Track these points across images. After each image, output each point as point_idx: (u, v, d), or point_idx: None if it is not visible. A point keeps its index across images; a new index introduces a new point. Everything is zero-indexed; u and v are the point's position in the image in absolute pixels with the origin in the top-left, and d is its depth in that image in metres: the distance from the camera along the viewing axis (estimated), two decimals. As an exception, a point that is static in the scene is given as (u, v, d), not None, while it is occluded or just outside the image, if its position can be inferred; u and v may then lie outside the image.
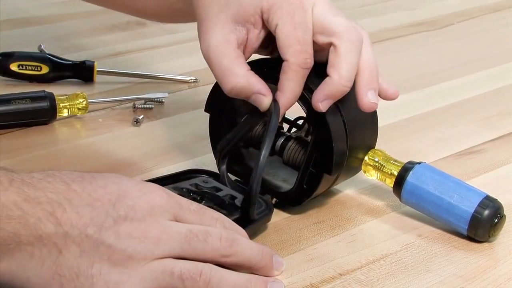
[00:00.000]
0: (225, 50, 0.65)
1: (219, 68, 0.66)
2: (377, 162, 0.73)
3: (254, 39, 0.67)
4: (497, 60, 1.14)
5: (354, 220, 0.72)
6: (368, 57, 0.67)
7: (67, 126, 0.89)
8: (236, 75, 0.65)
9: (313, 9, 0.66)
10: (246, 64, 0.67)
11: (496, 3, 1.41)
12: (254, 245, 0.61)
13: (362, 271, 0.65)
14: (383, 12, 1.35)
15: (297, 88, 0.66)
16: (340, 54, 0.65)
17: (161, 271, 0.55)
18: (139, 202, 0.56)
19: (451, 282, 0.64)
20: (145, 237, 0.55)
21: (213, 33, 0.66)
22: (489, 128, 0.92)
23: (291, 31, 0.65)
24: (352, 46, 0.66)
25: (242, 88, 0.66)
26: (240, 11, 0.66)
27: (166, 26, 1.18)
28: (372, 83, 0.67)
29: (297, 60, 0.65)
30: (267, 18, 0.66)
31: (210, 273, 0.56)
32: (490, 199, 0.68)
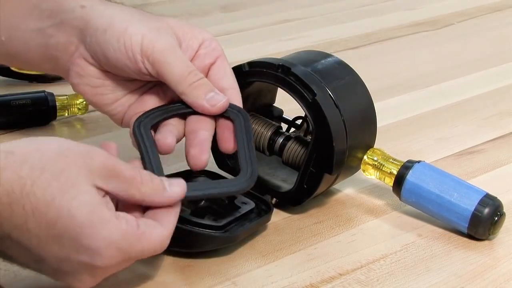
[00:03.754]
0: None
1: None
2: (376, 161, 0.73)
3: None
4: (497, 60, 1.14)
5: (354, 220, 0.73)
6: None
7: (67, 126, 0.89)
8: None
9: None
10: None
11: (496, 3, 1.41)
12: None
13: (362, 271, 0.65)
14: (383, 12, 1.36)
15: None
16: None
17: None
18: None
19: (451, 282, 0.64)
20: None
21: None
22: (489, 128, 0.92)
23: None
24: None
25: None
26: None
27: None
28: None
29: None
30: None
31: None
32: (490, 197, 0.68)
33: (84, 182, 0.54)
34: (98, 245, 0.53)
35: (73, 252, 0.53)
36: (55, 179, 0.53)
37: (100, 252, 0.54)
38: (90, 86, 0.68)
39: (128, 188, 0.56)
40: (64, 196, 0.52)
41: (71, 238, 0.53)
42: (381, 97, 0.93)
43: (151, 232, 0.56)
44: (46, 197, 0.52)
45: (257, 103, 0.77)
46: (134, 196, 0.56)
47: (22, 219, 0.52)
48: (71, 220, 0.52)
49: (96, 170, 0.54)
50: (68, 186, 0.53)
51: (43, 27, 0.67)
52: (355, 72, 0.74)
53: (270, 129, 0.75)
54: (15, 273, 0.62)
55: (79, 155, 0.55)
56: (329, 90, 0.70)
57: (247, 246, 0.68)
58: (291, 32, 1.23)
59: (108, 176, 0.55)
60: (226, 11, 1.34)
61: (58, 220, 0.52)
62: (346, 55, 1.03)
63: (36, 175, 0.52)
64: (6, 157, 0.53)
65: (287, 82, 0.70)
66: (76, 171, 0.54)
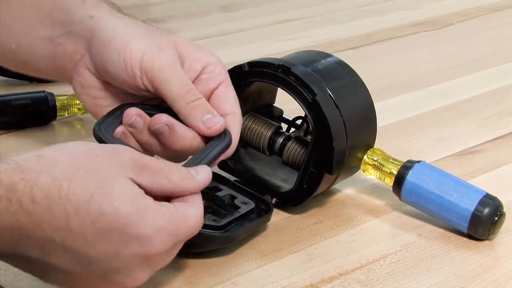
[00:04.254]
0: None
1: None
2: (376, 161, 0.73)
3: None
4: (497, 60, 1.14)
5: (354, 220, 0.73)
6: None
7: (67, 126, 0.89)
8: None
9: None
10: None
11: (496, 3, 1.41)
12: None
13: (362, 271, 0.65)
14: (383, 12, 1.35)
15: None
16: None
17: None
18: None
19: (451, 282, 0.64)
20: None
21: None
22: (489, 128, 0.92)
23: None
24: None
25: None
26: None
27: (166, 26, 1.18)
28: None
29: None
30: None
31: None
32: (490, 197, 0.69)
33: (120, 175, 0.54)
34: (147, 232, 0.53)
35: (122, 245, 0.53)
36: (91, 176, 0.53)
37: (150, 239, 0.53)
38: (91, 97, 0.68)
39: (160, 179, 0.56)
40: (104, 191, 0.52)
41: (119, 231, 0.52)
42: (381, 97, 0.93)
43: (189, 212, 0.56)
44: (85, 195, 0.52)
45: (257, 103, 0.77)
46: (165, 186, 0.56)
47: (64, 220, 0.51)
48: (116, 212, 0.52)
49: (127, 165, 0.55)
50: (104, 181, 0.53)
51: (53, 35, 0.67)
52: (355, 72, 0.74)
53: (270, 129, 0.75)
54: (15, 273, 0.62)
55: (108, 152, 0.55)
56: (329, 90, 0.70)
57: (247, 246, 0.68)
58: (291, 32, 1.23)
59: (139, 170, 0.55)
60: (226, 11, 1.34)
61: (102, 215, 0.52)
62: (346, 55, 1.03)
63: (70, 174, 0.52)
64: (38, 161, 0.53)
65: (287, 82, 0.70)
66: (109, 167, 0.54)
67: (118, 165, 0.54)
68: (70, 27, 0.67)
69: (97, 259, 0.53)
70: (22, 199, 0.51)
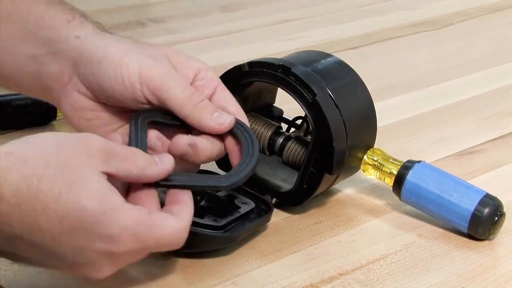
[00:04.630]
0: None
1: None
2: (376, 161, 0.73)
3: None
4: (497, 60, 1.14)
5: (354, 220, 0.73)
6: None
7: (67, 126, 0.89)
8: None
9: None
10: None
11: (496, 3, 1.41)
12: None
13: (362, 271, 0.65)
14: (383, 12, 1.35)
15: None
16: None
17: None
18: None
19: (451, 282, 0.64)
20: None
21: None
22: (489, 128, 0.92)
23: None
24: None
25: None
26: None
27: (166, 26, 1.18)
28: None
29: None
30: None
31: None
32: (490, 197, 0.69)
33: (89, 171, 0.54)
34: (113, 231, 0.54)
35: (88, 242, 0.54)
36: (60, 173, 0.53)
37: (115, 238, 0.54)
38: (84, 119, 0.67)
39: (127, 166, 0.56)
40: (72, 189, 0.53)
41: (85, 229, 0.53)
42: (381, 97, 0.93)
43: (164, 221, 0.56)
44: (53, 193, 0.52)
45: (257, 103, 0.77)
46: (132, 172, 0.57)
47: (32, 218, 0.52)
48: (83, 211, 0.53)
49: (96, 154, 0.55)
50: (74, 178, 0.53)
51: (37, 54, 0.66)
52: (355, 72, 0.74)
53: (270, 129, 0.75)
54: (15, 273, 0.62)
55: (76, 143, 0.55)
56: (329, 90, 0.70)
57: (247, 246, 0.68)
58: (291, 32, 1.23)
59: (107, 158, 0.55)
60: (226, 11, 1.34)
61: (69, 213, 0.52)
62: (346, 55, 1.03)
63: (40, 172, 0.52)
64: (7, 158, 0.53)
65: (287, 82, 0.70)
66: (78, 161, 0.54)
67: (87, 157, 0.54)
68: (55, 46, 0.66)
69: (64, 253, 0.54)
70: None
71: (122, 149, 0.57)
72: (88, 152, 0.55)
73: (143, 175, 0.57)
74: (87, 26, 0.66)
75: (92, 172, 0.54)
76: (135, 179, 0.58)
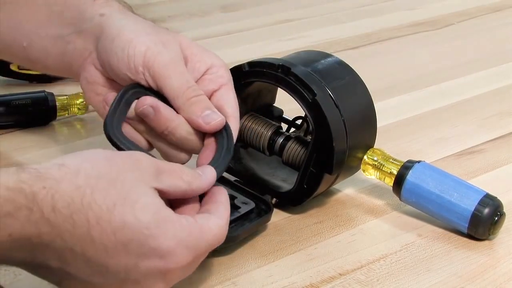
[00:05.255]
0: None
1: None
2: (376, 161, 0.73)
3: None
4: (497, 60, 1.14)
5: (354, 220, 0.73)
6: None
7: (67, 126, 0.89)
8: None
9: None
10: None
11: (496, 3, 1.41)
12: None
13: (362, 271, 0.65)
14: (383, 12, 1.36)
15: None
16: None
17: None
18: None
19: (451, 282, 0.64)
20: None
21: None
22: (489, 128, 0.92)
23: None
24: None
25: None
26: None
27: (166, 26, 1.18)
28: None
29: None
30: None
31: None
32: (490, 197, 0.69)
33: (142, 185, 0.53)
34: (168, 244, 0.53)
35: (142, 257, 0.52)
36: (112, 186, 0.52)
37: (172, 251, 0.53)
38: (95, 93, 0.68)
39: (175, 180, 0.56)
40: (126, 201, 0.52)
41: (139, 242, 0.52)
42: (381, 97, 0.93)
43: (208, 223, 0.56)
44: (107, 204, 0.51)
45: (257, 103, 0.77)
46: (180, 187, 0.56)
47: (85, 229, 0.51)
48: (137, 223, 0.52)
49: (147, 172, 0.54)
50: (127, 191, 0.52)
51: (63, 34, 0.68)
52: (355, 72, 0.74)
53: (270, 129, 0.75)
54: (15, 273, 0.62)
55: (127, 159, 0.55)
56: (329, 90, 0.70)
57: (247, 246, 0.68)
58: (291, 32, 1.23)
59: (157, 175, 0.55)
60: (226, 11, 1.34)
61: (124, 225, 0.51)
62: (346, 55, 1.03)
63: (93, 183, 0.52)
64: (60, 169, 0.52)
65: (287, 82, 0.70)
66: (131, 175, 0.53)
67: (139, 174, 0.54)
68: (80, 25, 0.67)
69: (116, 269, 0.52)
70: (43, 208, 0.50)
71: (167, 165, 0.57)
72: (139, 168, 0.54)
73: (191, 189, 0.57)
74: (112, 4, 0.68)
75: (144, 186, 0.54)
76: (182, 194, 0.57)
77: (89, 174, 0.52)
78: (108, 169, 0.53)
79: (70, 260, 0.52)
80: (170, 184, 0.56)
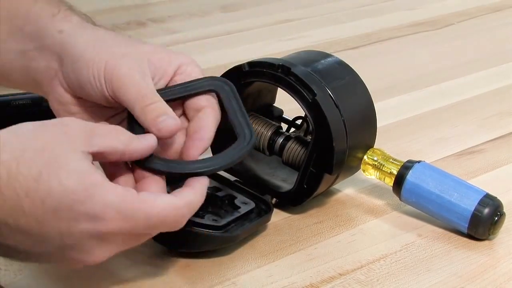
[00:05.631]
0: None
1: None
2: (376, 161, 0.73)
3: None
4: (497, 60, 1.14)
5: (354, 220, 0.73)
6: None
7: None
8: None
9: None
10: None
11: (496, 3, 1.41)
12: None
13: (362, 271, 0.65)
14: (383, 12, 1.36)
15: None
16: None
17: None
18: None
19: (451, 282, 0.64)
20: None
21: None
22: (489, 128, 0.92)
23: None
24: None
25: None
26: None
27: (166, 26, 1.18)
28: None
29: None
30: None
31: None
32: (490, 197, 0.69)
33: (69, 151, 0.54)
34: (95, 208, 0.53)
35: (72, 221, 0.53)
36: (38, 155, 0.53)
37: (99, 215, 0.53)
38: (69, 113, 0.67)
39: (110, 142, 0.56)
40: (51, 168, 0.52)
41: (68, 208, 0.52)
42: (381, 97, 0.93)
43: (155, 199, 0.55)
44: (33, 174, 0.52)
45: (257, 103, 0.77)
46: (117, 148, 0.56)
47: (15, 201, 0.52)
48: (63, 189, 0.52)
49: (76, 136, 0.55)
50: (52, 158, 0.53)
51: (25, 49, 0.67)
52: (355, 72, 0.74)
53: (270, 129, 0.75)
54: (15, 273, 0.62)
55: (54, 127, 0.55)
56: (329, 90, 0.70)
57: (247, 246, 0.68)
58: (291, 32, 1.23)
59: (89, 137, 0.55)
60: (226, 11, 1.34)
61: (50, 193, 0.52)
62: (346, 55, 1.03)
63: (18, 155, 0.52)
64: None
65: (287, 82, 0.70)
66: (57, 142, 0.54)
67: (66, 139, 0.54)
68: (41, 41, 0.66)
69: (51, 237, 0.53)
70: None
71: (103, 127, 0.57)
72: (67, 133, 0.55)
73: (128, 149, 0.57)
74: (71, 19, 0.66)
75: (71, 152, 0.54)
76: (120, 155, 0.57)
77: (14, 147, 0.53)
78: (34, 140, 0.54)
79: (6, 233, 0.53)
80: (105, 145, 0.55)
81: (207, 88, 0.65)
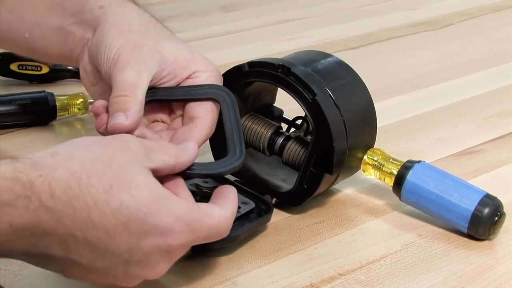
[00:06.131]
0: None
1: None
2: (376, 161, 0.73)
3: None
4: (497, 60, 1.14)
5: (354, 220, 0.73)
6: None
7: (67, 126, 0.89)
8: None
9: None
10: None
11: (496, 3, 1.41)
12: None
13: (362, 271, 0.65)
14: (383, 12, 1.36)
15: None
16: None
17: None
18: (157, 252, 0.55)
19: (451, 282, 0.64)
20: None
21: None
22: (489, 128, 0.92)
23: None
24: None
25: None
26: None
27: (166, 26, 1.18)
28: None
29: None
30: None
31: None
32: (490, 197, 0.69)
33: (135, 165, 0.54)
34: (167, 221, 0.53)
35: (143, 235, 0.53)
36: (108, 167, 0.53)
37: (171, 228, 0.53)
38: (89, 82, 0.70)
39: (163, 157, 0.57)
40: (122, 182, 0.52)
41: (139, 221, 0.52)
42: (381, 97, 0.93)
43: (212, 210, 0.56)
44: (104, 186, 0.52)
45: (257, 103, 0.77)
46: (170, 163, 0.57)
47: (85, 213, 0.51)
48: (135, 202, 0.52)
49: (137, 151, 0.55)
50: (122, 172, 0.53)
51: (64, 24, 0.69)
52: (355, 72, 0.74)
53: (270, 129, 0.75)
54: (15, 273, 0.62)
55: (116, 141, 0.56)
56: (329, 90, 0.70)
57: (247, 246, 0.68)
58: (291, 32, 1.23)
59: (147, 154, 0.56)
60: (226, 11, 1.34)
61: (121, 206, 0.52)
62: (346, 55, 1.03)
63: (88, 167, 0.52)
64: (53, 157, 0.52)
65: (287, 82, 0.70)
66: (123, 156, 0.54)
67: (130, 154, 0.54)
68: (81, 16, 0.69)
69: (119, 251, 0.53)
70: (41, 195, 0.50)
71: (152, 143, 0.58)
72: (130, 148, 0.55)
73: (178, 162, 0.58)
74: None
75: (138, 166, 0.54)
76: (172, 169, 0.57)
77: (83, 158, 0.53)
78: (101, 152, 0.54)
79: (73, 246, 0.52)
80: (161, 161, 0.56)
81: (209, 96, 0.65)
